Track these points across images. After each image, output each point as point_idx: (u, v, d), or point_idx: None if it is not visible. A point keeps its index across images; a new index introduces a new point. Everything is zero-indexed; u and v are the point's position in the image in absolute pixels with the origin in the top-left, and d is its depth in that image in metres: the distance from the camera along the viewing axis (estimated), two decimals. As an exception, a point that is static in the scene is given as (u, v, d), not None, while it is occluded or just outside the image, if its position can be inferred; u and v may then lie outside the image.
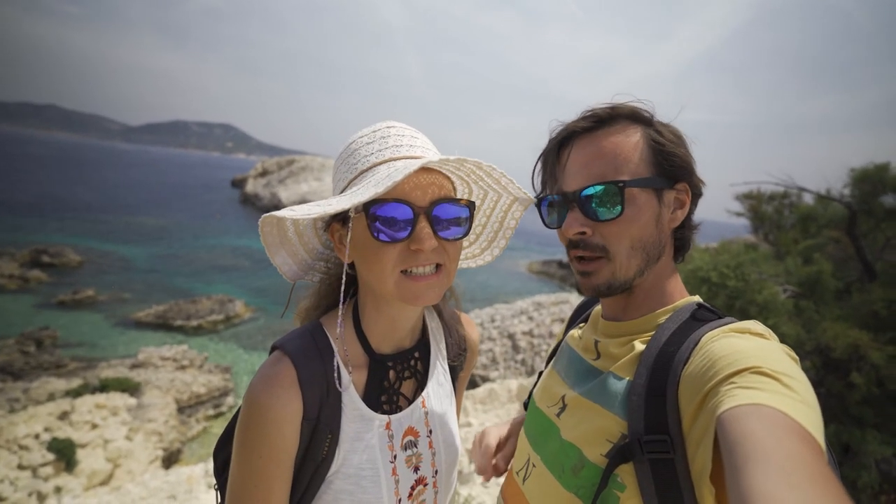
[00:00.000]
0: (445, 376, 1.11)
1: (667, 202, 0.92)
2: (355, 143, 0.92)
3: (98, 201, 62.90)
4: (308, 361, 0.89)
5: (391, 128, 0.92)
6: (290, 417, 0.85)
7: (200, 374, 17.05)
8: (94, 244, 37.53)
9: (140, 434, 12.74)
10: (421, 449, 1.00)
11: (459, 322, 1.19)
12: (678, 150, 0.91)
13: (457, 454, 1.09)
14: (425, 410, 1.02)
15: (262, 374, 0.88)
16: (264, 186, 67.44)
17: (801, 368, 0.69)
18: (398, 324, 0.99)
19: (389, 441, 0.95)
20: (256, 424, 0.84)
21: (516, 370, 19.34)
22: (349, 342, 0.97)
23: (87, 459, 11.33)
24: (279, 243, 0.98)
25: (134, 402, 13.90)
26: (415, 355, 1.05)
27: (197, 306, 24.53)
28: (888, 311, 6.57)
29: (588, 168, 0.90)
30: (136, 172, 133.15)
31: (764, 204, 11.15)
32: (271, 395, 0.84)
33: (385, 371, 0.99)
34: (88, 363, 17.85)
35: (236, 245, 42.86)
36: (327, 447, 0.89)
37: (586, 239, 0.91)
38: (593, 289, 0.93)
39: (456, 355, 1.14)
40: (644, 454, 0.75)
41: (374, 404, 0.95)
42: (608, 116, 0.91)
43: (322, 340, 0.93)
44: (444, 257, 0.90)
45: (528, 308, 23.25)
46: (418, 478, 0.99)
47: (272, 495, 0.85)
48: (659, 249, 0.92)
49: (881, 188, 8.23)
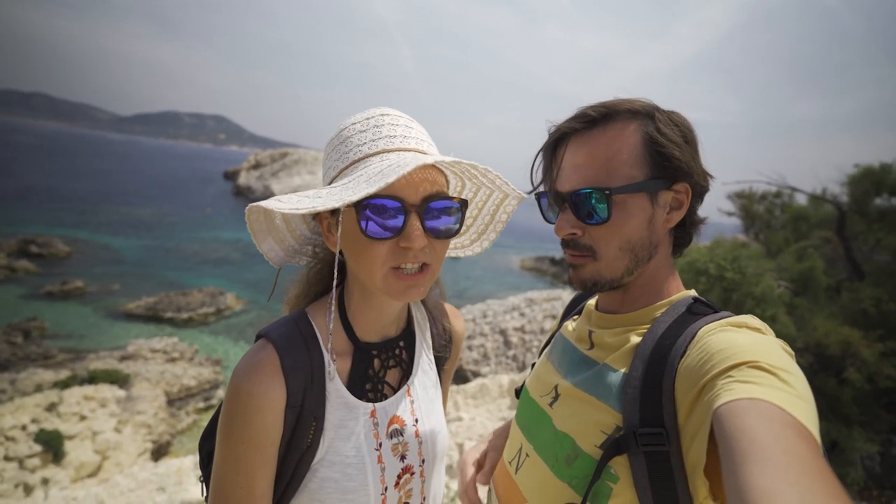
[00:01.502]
0: (431, 366, 1.11)
1: (662, 203, 0.89)
2: (347, 131, 0.90)
3: (87, 192, 62.22)
4: (292, 349, 0.89)
5: (385, 115, 0.90)
6: (273, 405, 0.84)
7: (191, 367, 16.97)
8: (83, 235, 37.16)
9: (129, 426, 12.67)
10: (407, 437, 0.99)
11: (445, 313, 1.19)
12: (678, 150, 0.87)
13: (445, 444, 1.09)
14: (411, 399, 1.02)
15: (246, 361, 0.87)
16: (257, 179, 67.05)
17: (796, 363, 0.69)
18: (384, 313, 0.99)
19: (374, 429, 0.94)
20: (239, 412, 0.84)
21: (507, 366, 19.45)
22: (335, 330, 0.96)
23: (75, 451, 11.26)
24: (266, 230, 0.96)
25: (123, 394, 13.82)
26: (400, 344, 1.04)
27: (188, 298, 24.39)
28: (877, 309, 6.69)
29: (578, 171, 0.89)
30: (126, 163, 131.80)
31: (755, 203, 11.25)
32: (254, 383, 0.84)
33: (370, 359, 0.98)
34: (77, 355, 17.70)
35: (228, 237, 42.64)
36: (312, 435, 0.88)
37: (576, 239, 0.91)
38: (580, 282, 0.93)
39: (441, 346, 1.15)
40: (639, 446, 0.75)
41: (358, 392, 0.95)
42: (601, 116, 0.89)
43: (307, 328, 0.93)
44: (432, 256, 0.88)
45: (520, 304, 23.37)
46: (405, 466, 0.99)
47: (255, 483, 0.84)
48: (650, 250, 0.91)
49: (878, 189, 8.33)
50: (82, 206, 50.68)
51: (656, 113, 0.89)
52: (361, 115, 0.91)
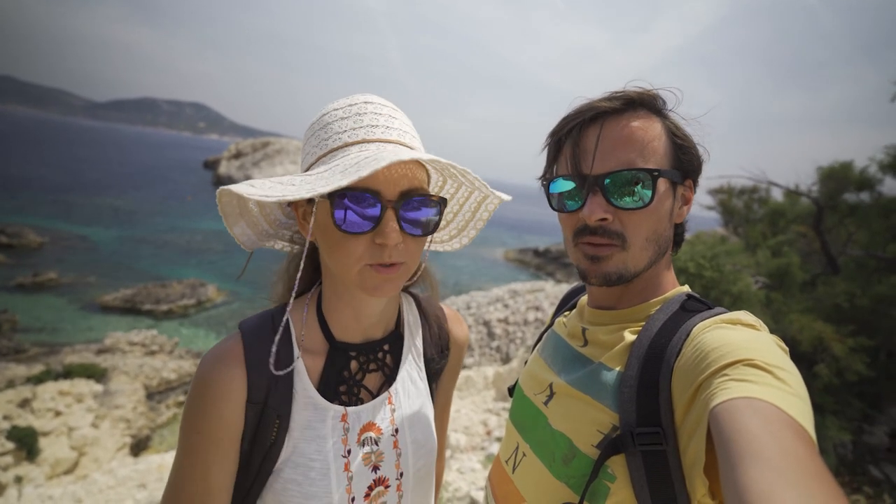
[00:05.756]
0: (420, 374, 1.04)
1: (678, 197, 0.91)
2: (329, 116, 0.86)
3: (60, 180, 60.31)
4: (259, 341, 0.86)
5: (368, 103, 0.86)
6: (232, 396, 0.82)
7: (171, 360, 16.70)
8: (56, 225, 36.06)
9: (107, 421, 12.42)
10: (383, 447, 0.94)
11: (443, 317, 1.12)
12: (692, 146, 0.90)
13: (431, 457, 1.03)
14: (392, 407, 0.96)
15: (212, 351, 0.85)
16: (238, 168, 65.86)
17: (790, 359, 0.69)
18: (361, 312, 0.93)
19: (344, 434, 0.89)
20: (197, 401, 0.82)
21: (492, 357, 19.61)
22: (310, 327, 0.93)
23: (51, 448, 10.99)
24: (238, 214, 0.92)
25: (100, 388, 13.52)
26: (384, 348, 0.99)
27: (167, 290, 23.95)
28: (850, 304, 6.91)
29: (616, 152, 0.85)
30: (101, 151, 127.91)
31: (734, 198, 11.49)
32: (214, 373, 0.82)
33: (346, 360, 0.93)
34: (51, 348, 17.27)
35: (208, 228, 41.84)
36: (275, 432, 0.85)
37: (605, 226, 0.87)
38: (603, 276, 0.88)
39: (435, 353, 1.07)
40: (636, 446, 0.75)
41: (330, 394, 0.90)
42: (638, 99, 0.87)
43: (281, 322, 0.89)
44: (406, 255, 0.85)
45: (503, 296, 23.52)
46: (377, 478, 0.93)
47: (210, 476, 0.81)
48: (668, 243, 0.91)
49: (846, 185, 8.58)
50: (55, 195, 49.10)
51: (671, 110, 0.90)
52: (345, 100, 0.87)
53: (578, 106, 0.91)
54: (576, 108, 0.91)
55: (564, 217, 0.94)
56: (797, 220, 9.76)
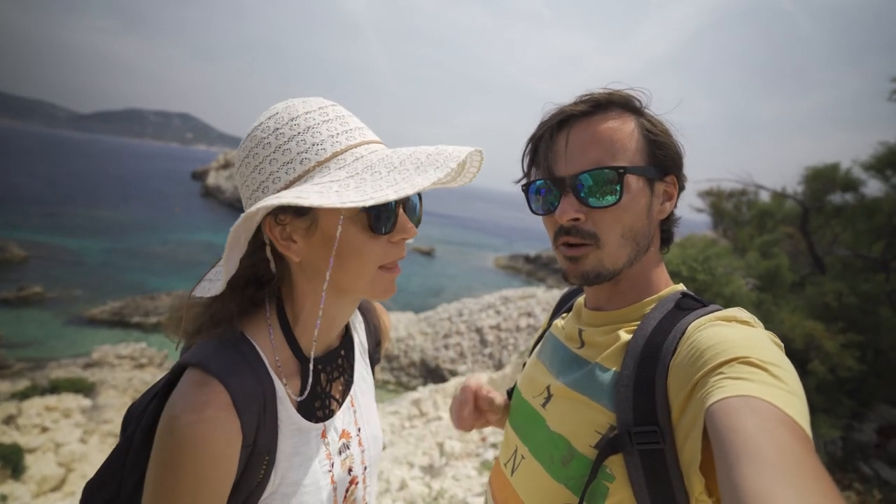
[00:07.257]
0: (367, 370, 1.07)
1: (657, 193, 0.91)
2: (304, 119, 0.78)
3: (44, 193, 59.37)
4: (240, 380, 0.75)
5: (333, 106, 0.83)
6: (230, 450, 0.72)
7: (160, 373, 16.36)
8: (40, 238, 35.35)
9: (96, 436, 12.16)
10: (353, 449, 0.95)
11: (374, 310, 1.15)
12: (669, 142, 0.91)
13: (381, 446, 1.05)
14: (354, 409, 0.97)
15: (187, 401, 0.71)
16: (227, 179, 65.34)
17: (785, 355, 0.69)
18: (336, 322, 0.91)
19: (326, 449, 0.88)
20: (187, 463, 0.69)
21: (484, 364, 19.56)
22: (279, 349, 0.86)
23: (37, 465, 10.71)
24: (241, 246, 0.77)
25: (88, 402, 13.26)
26: (341, 353, 0.98)
27: (156, 302, 23.63)
28: (838, 302, 7.02)
29: (585, 153, 0.87)
30: (87, 163, 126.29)
31: (724, 201, 11.67)
32: (205, 426, 0.70)
33: (317, 375, 0.91)
34: (36, 363, 16.91)
35: (197, 239, 41.43)
36: (263, 471, 0.79)
37: (578, 226, 0.89)
38: (581, 275, 0.90)
39: (373, 345, 1.11)
40: (633, 445, 0.75)
41: (308, 413, 0.87)
42: (606, 101, 0.89)
43: (250, 352, 0.80)
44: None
45: (495, 302, 23.53)
46: (351, 478, 0.94)
47: None
48: (648, 240, 0.92)
49: (831, 187, 8.75)
50: (39, 207, 48.26)
51: (646, 108, 0.92)
52: (304, 105, 0.81)
53: (550, 111, 0.93)
54: (548, 113, 0.94)
55: (546, 220, 0.95)
56: (784, 220, 9.92)
